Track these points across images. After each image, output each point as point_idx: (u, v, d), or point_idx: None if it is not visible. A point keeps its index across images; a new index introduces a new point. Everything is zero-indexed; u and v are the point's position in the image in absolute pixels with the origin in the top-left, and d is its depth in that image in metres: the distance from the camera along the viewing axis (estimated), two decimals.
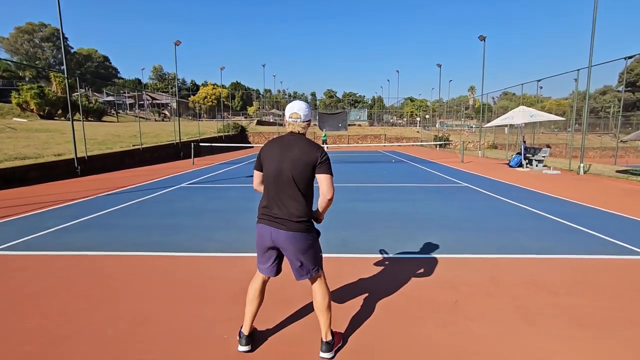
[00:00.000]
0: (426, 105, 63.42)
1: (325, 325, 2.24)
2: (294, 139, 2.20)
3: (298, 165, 2.11)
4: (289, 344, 2.36)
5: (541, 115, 12.85)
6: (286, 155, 2.13)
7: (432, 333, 2.49)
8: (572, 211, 6.34)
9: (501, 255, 4.05)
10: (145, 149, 16.38)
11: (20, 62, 58.33)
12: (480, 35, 18.74)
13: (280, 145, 2.18)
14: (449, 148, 27.55)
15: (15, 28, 68.69)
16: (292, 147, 2.15)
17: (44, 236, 4.76)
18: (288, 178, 2.11)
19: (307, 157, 2.12)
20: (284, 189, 2.13)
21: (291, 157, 2.12)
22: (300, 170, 2.11)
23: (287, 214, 2.11)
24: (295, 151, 2.13)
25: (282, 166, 2.12)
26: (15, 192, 8.24)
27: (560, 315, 2.73)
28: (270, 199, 2.17)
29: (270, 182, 2.17)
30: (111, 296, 3.04)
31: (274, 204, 2.15)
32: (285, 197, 2.12)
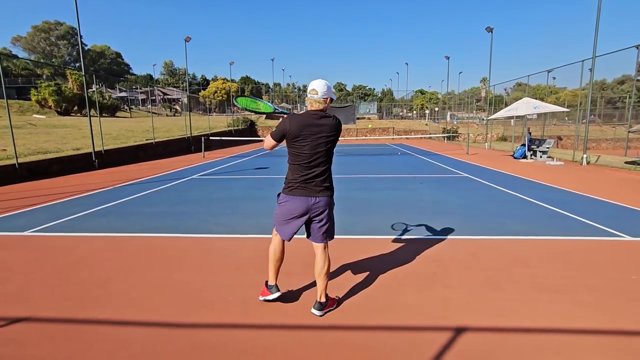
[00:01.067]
0: (437, 97, 62.88)
1: (321, 289, 2.60)
2: (319, 118, 2.42)
3: (329, 143, 2.45)
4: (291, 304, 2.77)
5: (545, 107, 12.90)
6: (318, 135, 2.40)
7: (410, 297, 2.86)
8: (563, 198, 6.57)
9: (486, 236, 4.38)
10: (157, 143, 16.99)
11: (38, 60, 59.98)
12: (487, 27, 18.67)
13: (311, 126, 2.39)
14: (457, 141, 27.52)
15: (32, 27, 70.55)
16: (322, 127, 2.41)
17: (73, 220, 5.27)
18: (323, 155, 2.44)
19: (335, 134, 2.47)
20: (320, 163, 2.44)
21: (323, 136, 2.41)
22: (330, 146, 2.46)
23: (323, 184, 2.47)
24: (326, 130, 2.42)
25: (318, 144, 2.40)
26: (40, 183, 8.86)
27: (525, 282, 3.07)
28: (307, 174, 2.43)
29: (306, 159, 2.42)
30: (135, 267, 3.49)
31: (309, 175, 2.43)
32: (321, 171, 2.45)
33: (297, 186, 2.47)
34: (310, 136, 2.40)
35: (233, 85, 70.72)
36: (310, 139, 2.40)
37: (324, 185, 2.49)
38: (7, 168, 9.08)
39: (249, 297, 2.86)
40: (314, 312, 2.60)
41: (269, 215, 5.62)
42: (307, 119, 2.42)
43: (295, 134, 2.40)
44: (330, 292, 2.75)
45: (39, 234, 4.62)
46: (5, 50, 65.97)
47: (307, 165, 2.44)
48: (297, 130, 2.39)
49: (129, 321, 2.48)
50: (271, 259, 2.70)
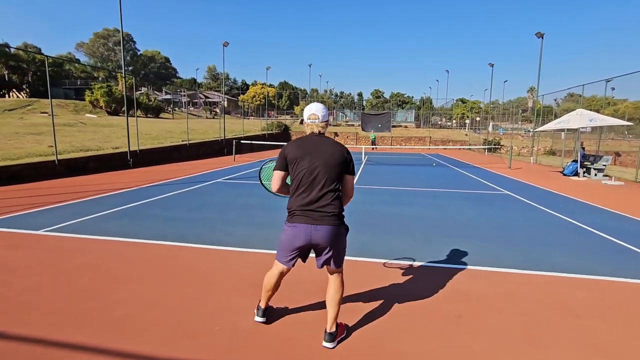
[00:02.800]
0: (479, 107, 60.07)
1: (332, 318, 2.34)
2: (320, 139, 2.33)
3: (331, 164, 2.25)
4: (297, 327, 2.43)
5: (603, 120, 11.55)
6: (318, 155, 2.25)
7: (429, 344, 2.38)
8: (625, 227, 5.65)
9: (525, 270, 3.73)
10: (191, 144, 17.43)
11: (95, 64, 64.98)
12: (537, 32, 17.31)
13: (309, 145, 2.29)
14: (500, 153, 25.84)
15: (93, 34, 76.70)
16: (322, 147, 2.28)
17: (88, 221, 5.27)
18: (323, 176, 2.24)
19: (339, 157, 2.27)
20: (320, 187, 2.24)
21: (324, 157, 2.25)
22: (333, 168, 2.25)
23: (325, 210, 2.24)
24: (327, 150, 2.27)
25: (317, 165, 2.24)
26: (74, 180, 9.22)
27: (574, 338, 2.46)
28: (305, 198, 2.25)
29: (304, 182, 2.25)
30: (127, 279, 3.29)
31: (310, 203, 2.24)
32: (321, 195, 2.24)
33: (297, 212, 2.29)
34: (309, 156, 2.26)
35: (271, 90, 72.29)
36: (309, 160, 2.26)
37: (327, 214, 2.26)
38: (47, 164, 9.57)
39: (240, 325, 2.53)
40: (326, 346, 2.31)
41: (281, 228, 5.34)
42: (310, 139, 2.34)
43: (293, 154, 2.29)
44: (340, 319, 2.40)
45: (52, 233, 4.62)
46: (70, 55, 72.40)
47: (308, 188, 2.26)
48: (296, 150, 2.30)
49: (99, 348, 2.22)
50: (264, 287, 2.54)
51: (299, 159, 2.27)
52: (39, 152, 11.62)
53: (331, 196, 2.26)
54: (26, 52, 38.39)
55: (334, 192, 2.27)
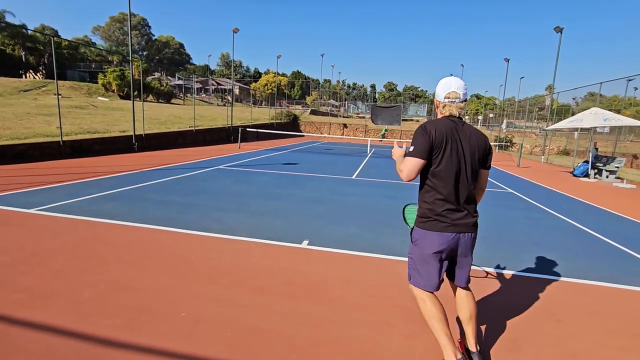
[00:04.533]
0: (494, 103, 58.70)
1: (475, 335, 2.04)
2: (463, 125, 1.94)
3: (476, 157, 1.91)
4: (264, 318, 2.35)
5: (618, 119, 11.07)
6: (466, 146, 1.89)
7: (393, 344, 2.30)
8: (630, 233, 5.43)
9: (513, 271, 3.61)
10: (198, 130, 17.47)
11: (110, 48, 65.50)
12: (556, 27, 16.64)
13: (455, 132, 1.89)
14: (510, 151, 25.26)
15: (109, 17, 77.26)
16: (468, 136, 1.91)
17: (82, 201, 5.32)
18: (471, 172, 1.91)
19: (484, 148, 1.94)
20: (467, 184, 1.90)
21: (471, 148, 1.89)
22: (477, 162, 1.93)
23: (471, 213, 1.94)
24: (473, 140, 1.91)
25: (465, 159, 1.89)
26: (78, 161, 9.34)
27: (551, 345, 2.35)
28: (450, 201, 1.89)
29: (449, 180, 1.88)
30: (104, 261, 3.29)
31: (457, 207, 1.90)
32: (468, 194, 1.92)
33: (440, 217, 1.91)
34: (457, 146, 1.88)
35: (283, 79, 71.92)
36: (458, 151, 1.88)
37: (473, 218, 1.95)
38: (52, 144, 9.71)
39: (206, 314, 2.49)
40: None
41: (275, 216, 5.32)
42: (455, 125, 1.92)
43: (439, 140, 1.86)
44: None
45: (44, 212, 4.66)
46: (86, 38, 73.24)
47: (454, 186, 1.90)
48: (442, 135, 1.86)
49: (60, 329, 2.21)
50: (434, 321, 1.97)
51: (443, 148, 1.85)
52: (47, 132, 11.79)
53: (474, 195, 1.96)
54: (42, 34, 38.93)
55: (474, 190, 1.97)
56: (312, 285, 3.04)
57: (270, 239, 4.13)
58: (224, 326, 2.37)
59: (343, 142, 26.70)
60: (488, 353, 2.25)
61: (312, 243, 4.07)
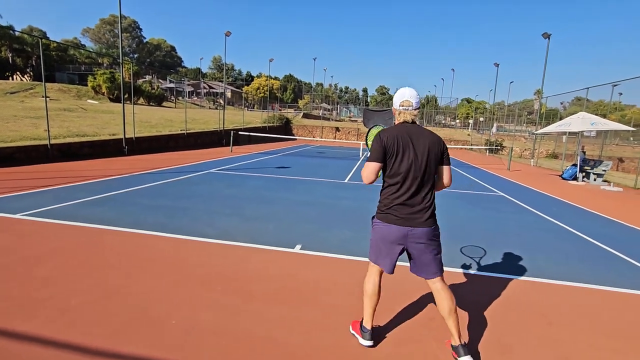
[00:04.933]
0: (484, 107, 59.55)
1: (457, 329, 2.15)
2: (416, 128, 2.15)
3: (430, 158, 2.09)
4: (258, 325, 2.31)
5: (605, 124, 11.32)
6: (418, 148, 2.08)
7: (386, 350, 2.29)
8: (618, 235, 5.52)
9: (504, 275, 3.63)
10: (189, 134, 17.32)
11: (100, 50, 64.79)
12: (544, 33, 16.98)
13: (407, 136, 2.10)
14: (501, 154, 25.60)
15: (99, 20, 76.48)
16: (420, 138, 2.11)
17: (70, 206, 5.20)
18: (424, 170, 2.08)
19: (436, 148, 2.12)
20: (421, 182, 2.09)
21: (423, 150, 2.08)
22: (431, 162, 2.10)
23: (424, 209, 2.10)
24: (425, 142, 2.10)
25: (417, 160, 2.07)
26: (67, 165, 9.16)
27: (542, 346, 2.36)
28: (403, 197, 2.09)
29: (402, 179, 2.09)
30: (92, 268, 3.21)
31: (409, 202, 2.09)
32: (422, 191, 2.10)
33: (392, 211, 2.12)
34: (410, 148, 2.08)
35: (275, 83, 71.89)
36: (410, 152, 2.08)
37: (426, 213, 2.11)
38: (40, 148, 9.52)
39: (199, 321, 2.44)
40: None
41: (268, 220, 5.28)
42: (407, 129, 2.14)
43: (392, 144, 2.08)
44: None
45: (30, 218, 4.55)
46: (75, 40, 72.24)
47: (408, 184, 2.10)
48: (395, 139, 2.09)
49: (46, 339, 2.15)
50: (366, 295, 2.29)
51: (398, 152, 2.08)
52: (34, 135, 11.56)
53: (430, 192, 2.13)
54: (30, 35, 38.25)
55: (432, 189, 2.15)
56: (305, 291, 3.02)
57: (263, 244, 4.09)
58: (217, 333, 2.33)
59: (335, 145, 26.75)
60: (479, 357, 2.25)
61: (305, 247, 4.05)
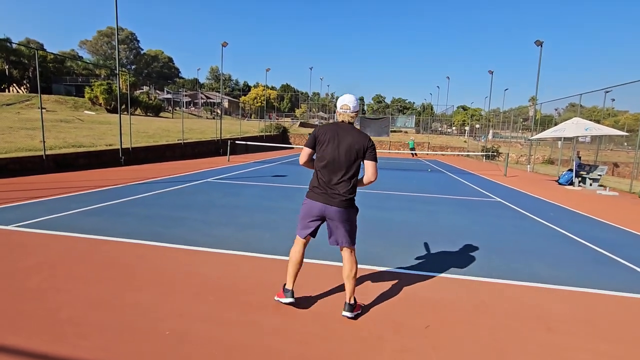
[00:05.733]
0: (479, 114, 60.04)
1: (350, 291, 2.64)
2: (347, 127, 2.58)
3: (351, 151, 2.50)
4: (252, 334, 2.25)
5: (599, 129, 11.41)
6: (342, 142, 2.51)
7: (383, 357, 2.24)
8: (616, 239, 5.51)
9: (504, 280, 3.59)
10: (186, 144, 17.30)
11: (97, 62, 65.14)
12: (536, 40, 17.24)
13: (336, 131, 2.55)
14: (497, 160, 25.71)
15: (97, 32, 77.11)
16: (346, 135, 2.53)
17: (63, 217, 5.14)
18: (342, 162, 2.51)
19: (360, 145, 2.51)
20: (338, 171, 2.52)
21: (346, 144, 2.50)
22: (352, 155, 2.51)
23: (338, 193, 2.52)
24: (350, 138, 2.51)
25: (338, 151, 2.50)
26: (62, 175, 9.10)
27: (543, 355, 2.31)
28: (323, 179, 2.56)
29: (325, 164, 2.54)
30: (84, 279, 3.15)
31: (327, 184, 2.54)
32: (338, 178, 2.52)
33: (314, 190, 2.62)
34: (334, 142, 2.53)
35: (272, 93, 72.34)
36: (333, 145, 2.53)
37: (340, 197, 2.54)
38: (35, 159, 9.46)
39: (192, 332, 2.38)
40: (345, 315, 2.61)
41: (265, 228, 5.23)
42: (338, 126, 2.58)
43: (322, 136, 2.57)
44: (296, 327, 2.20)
45: (22, 229, 4.48)
46: (73, 52, 72.62)
47: (327, 170, 2.56)
48: (325, 133, 2.57)
49: (33, 352, 2.08)
50: (290, 262, 2.75)
51: (324, 142, 2.54)
52: (30, 146, 11.51)
53: (346, 181, 2.52)
54: (27, 47, 38.44)
55: (350, 178, 2.54)
56: (302, 300, 2.96)
57: (260, 252, 4.04)
58: (212, 344, 2.27)
59: None
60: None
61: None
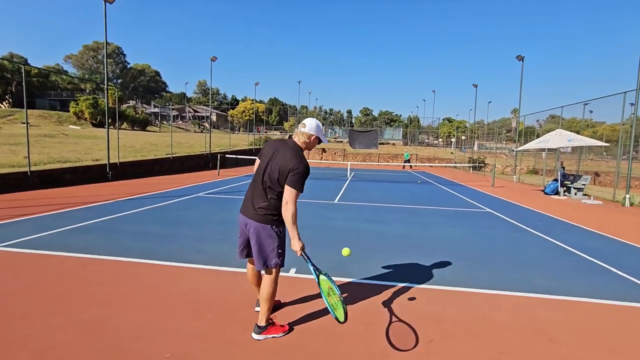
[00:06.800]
0: (464, 126, 61.43)
1: (261, 313, 2.51)
2: (289, 146, 2.47)
3: (276, 171, 2.37)
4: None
5: (581, 140, 11.82)
6: (274, 159, 2.43)
7: None
8: (604, 247, 5.64)
9: (501, 291, 3.62)
10: (175, 158, 17.11)
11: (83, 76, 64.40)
12: (518, 55, 17.92)
13: (277, 148, 2.48)
14: (484, 171, 26.24)
15: (83, 46, 76.40)
16: (282, 153, 2.42)
17: (52, 235, 4.98)
18: (269, 180, 2.42)
19: (285, 166, 2.35)
20: (261, 186, 2.45)
21: (276, 162, 2.40)
22: (275, 174, 2.38)
23: (258, 207, 2.43)
24: (281, 158, 2.39)
25: (268, 168, 2.43)
26: (47, 192, 8.85)
27: None
28: (249, 192, 2.54)
29: (255, 177, 2.53)
30: (76, 301, 3.04)
31: (251, 196, 2.51)
32: (260, 193, 2.44)
33: (243, 202, 2.59)
34: (267, 157, 2.48)
35: (261, 106, 72.57)
36: (264, 161, 2.48)
37: (257, 211, 2.45)
38: (19, 175, 9.19)
39: (191, 353, 2.31)
40: (253, 336, 2.51)
41: None
42: (280, 143, 2.53)
43: (263, 150, 2.58)
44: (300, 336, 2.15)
45: (8, 249, 4.31)
46: (57, 67, 71.66)
47: (253, 183, 2.55)
48: (266, 148, 2.57)
49: None
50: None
51: (264, 155, 2.52)
52: (13, 162, 11.20)
53: (264, 198, 2.42)
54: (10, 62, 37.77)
55: (273, 195, 2.42)
56: (303, 316, 2.92)
57: None
58: None
59: (322, 166, 26.87)
60: None
61: (300, 271, 3.96)
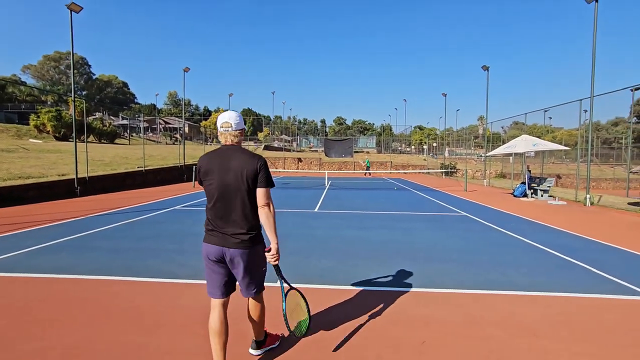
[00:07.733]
0: (435, 133, 63.62)
1: (258, 328, 2.40)
2: (232, 149, 2.15)
3: (241, 178, 2.05)
4: None
5: (545, 145, 12.59)
6: (228, 169, 2.07)
7: None
8: (572, 244, 5.98)
9: (485, 290, 3.75)
10: (148, 171, 16.55)
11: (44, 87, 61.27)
12: (483, 66, 18.92)
13: (220, 158, 2.12)
14: (456, 176, 27.20)
15: (43, 56, 72.87)
16: (232, 159, 2.10)
17: (18, 256, 4.67)
18: (234, 191, 2.06)
19: (253, 168, 2.07)
20: (232, 204, 2.07)
21: (234, 171, 2.06)
22: (243, 183, 2.06)
23: (237, 230, 2.06)
24: (236, 163, 2.08)
25: (227, 179, 2.06)
26: (9, 210, 8.28)
27: None
28: (214, 215, 2.10)
29: (215, 198, 2.09)
30: (52, 323, 2.86)
31: (221, 220, 2.08)
32: (235, 211, 2.07)
33: (208, 231, 2.15)
34: (218, 171, 2.10)
35: None
36: (218, 175, 2.09)
37: (239, 234, 2.08)
38: None
39: None
40: (250, 352, 2.43)
41: None
42: (220, 151, 2.16)
43: (204, 168, 2.15)
44: None
45: None
46: (15, 77, 67.77)
47: (220, 205, 2.10)
48: (206, 164, 2.15)
49: None
50: (211, 334, 2.19)
51: (210, 173, 2.11)
52: None
53: (244, 213, 2.08)
54: None
55: (249, 209, 2.09)
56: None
57: None
58: None
59: (299, 175, 26.87)
60: None
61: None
